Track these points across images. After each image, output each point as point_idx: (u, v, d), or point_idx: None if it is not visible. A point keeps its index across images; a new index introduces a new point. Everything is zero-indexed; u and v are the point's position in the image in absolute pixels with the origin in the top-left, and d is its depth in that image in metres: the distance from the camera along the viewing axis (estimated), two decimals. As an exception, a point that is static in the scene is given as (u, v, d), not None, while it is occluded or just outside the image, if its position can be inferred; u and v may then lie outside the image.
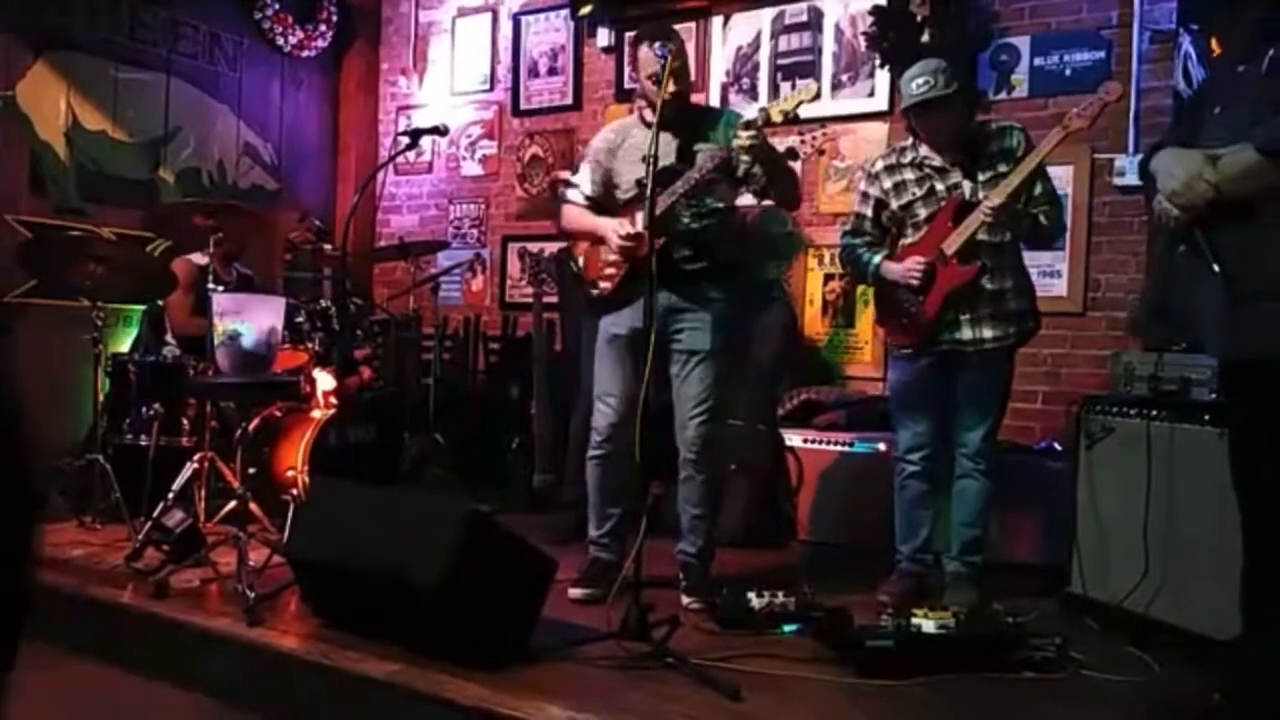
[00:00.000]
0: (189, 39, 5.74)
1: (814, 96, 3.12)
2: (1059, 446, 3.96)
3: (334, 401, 4.26)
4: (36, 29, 5.07)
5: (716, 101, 5.23)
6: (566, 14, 5.66)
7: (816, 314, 4.97)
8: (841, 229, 3.62)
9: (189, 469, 3.63)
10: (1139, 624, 2.97)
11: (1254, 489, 2.27)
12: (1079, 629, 3.01)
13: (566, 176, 3.72)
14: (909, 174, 3.35)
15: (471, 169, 6.20)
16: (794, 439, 4.37)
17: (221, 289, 3.92)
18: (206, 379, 3.77)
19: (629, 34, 5.20)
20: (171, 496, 3.53)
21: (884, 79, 4.76)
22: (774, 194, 3.28)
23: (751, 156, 3.09)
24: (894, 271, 3.32)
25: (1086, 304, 4.30)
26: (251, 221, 4.34)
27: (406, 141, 4.24)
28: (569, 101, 5.76)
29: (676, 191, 3.08)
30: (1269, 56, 2.15)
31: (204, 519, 3.58)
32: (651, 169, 2.92)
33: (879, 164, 3.45)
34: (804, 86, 3.12)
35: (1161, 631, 2.91)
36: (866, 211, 3.46)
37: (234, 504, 3.56)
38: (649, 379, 2.88)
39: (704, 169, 3.09)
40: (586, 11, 5.47)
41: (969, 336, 3.23)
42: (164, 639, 2.98)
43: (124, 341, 5.01)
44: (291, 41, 6.16)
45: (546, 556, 2.75)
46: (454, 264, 5.72)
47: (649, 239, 2.92)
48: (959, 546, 3.36)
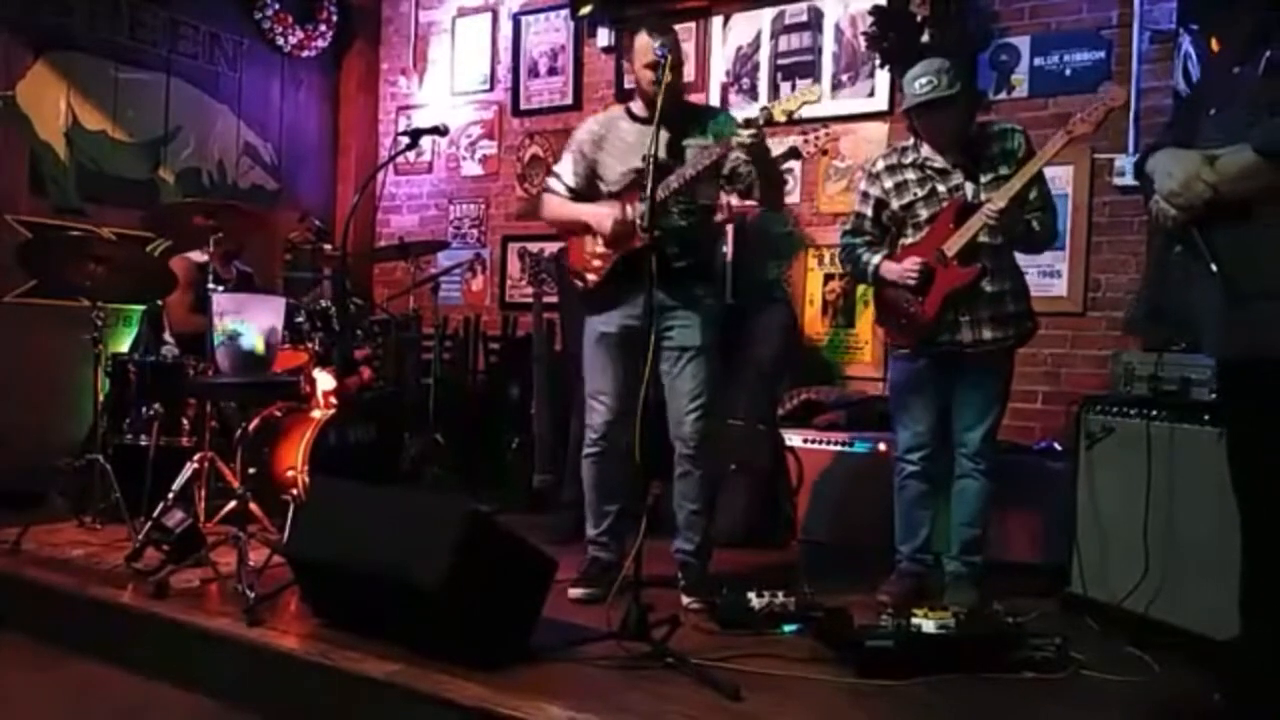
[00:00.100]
0: (189, 39, 5.74)
1: (817, 99, 3.13)
2: (1059, 446, 3.96)
3: (334, 401, 4.26)
4: (36, 29, 5.07)
5: (716, 101, 5.23)
6: (566, 14, 5.66)
7: (816, 314, 4.97)
8: (841, 228, 3.62)
9: (189, 469, 3.63)
10: (1139, 624, 2.97)
11: (1252, 489, 2.27)
12: (1079, 629, 3.01)
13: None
14: (910, 174, 3.35)
15: (471, 169, 6.20)
16: (794, 439, 4.37)
17: (221, 288, 3.92)
18: (206, 379, 3.77)
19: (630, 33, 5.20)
20: (171, 496, 3.53)
21: (884, 79, 4.75)
22: (760, 195, 3.28)
23: (750, 155, 3.09)
24: (893, 272, 3.32)
25: (1086, 304, 4.30)
26: (251, 221, 4.33)
27: (406, 141, 4.25)
28: (569, 101, 5.75)
29: (670, 186, 3.08)
30: (1266, 58, 2.15)
31: (204, 519, 3.58)
32: (652, 167, 2.94)
33: (880, 164, 3.45)
34: (807, 88, 3.13)
35: (1161, 631, 2.92)
36: (867, 211, 3.46)
37: (234, 504, 3.57)
38: (648, 379, 2.89)
39: (699, 164, 3.09)
40: (586, 11, 5.47)
41: (969, 338, 3.23)
42: (164, 639, 2.98)
43: (124, 341, 5.01)
44: (291, 41, 6.15)
45: (546, 556, 2.75)
46: (454, 264, 5.72)
47: (650, 236, 2.92)
48: (959, 546, 3.36)
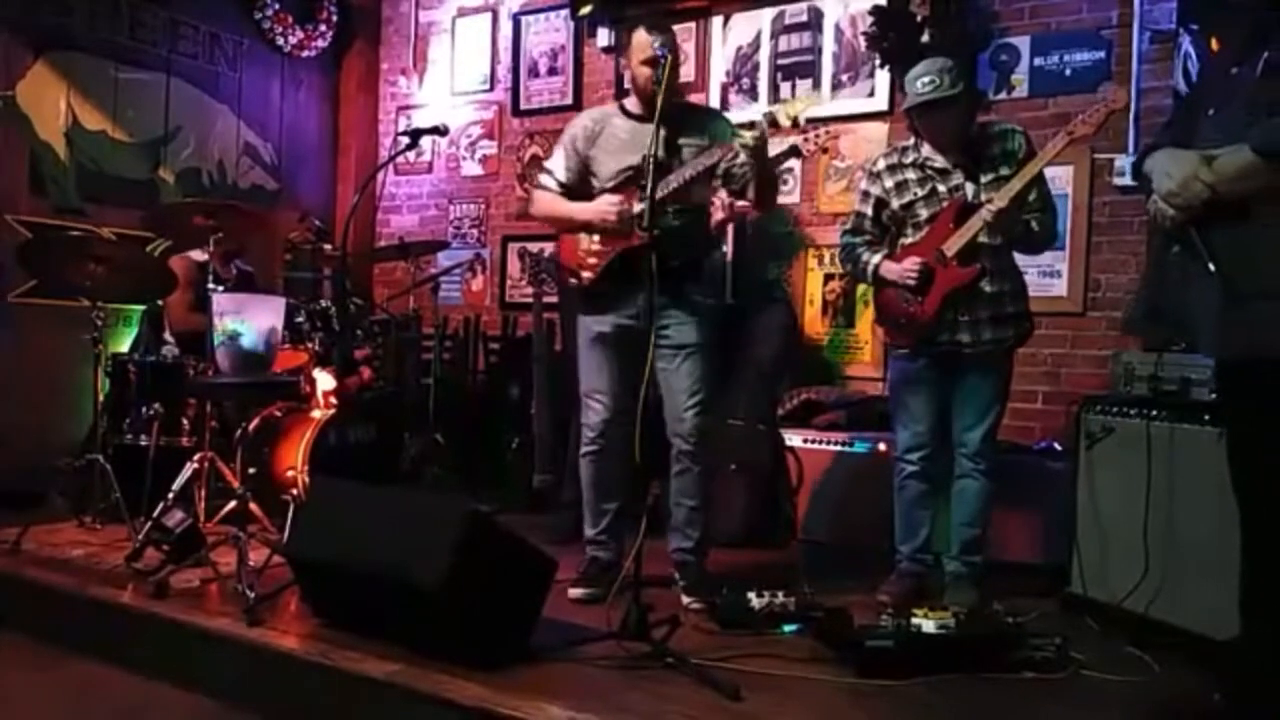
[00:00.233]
0: (189, 39, 5.74)
1: (819, 105, 3.15)
2: (1059, 446, 3.96)
3: (334, 401, 4.27)
4: (36, 29, 5.07)
5: (716, 101, 5.23)
6: (566, 14, 5.66)
7: (816, 314, 4.97)
8: (841, 228, 3.62)
9: (189, 469, 3.63)
10: (1139, 624, 2.97)
11: (1252, 489, 2.27)
12: (1079, 629, 3.01)
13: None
14: (911, 174, 3.35)
15: (471, 169, 6.20)
16: (794, 439, 4.37)
17: (221, 287, 3.92)
18: (206, 379, 3.77)
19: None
20: (171, 496, 3.53)
21: (884, 79, 4.75)
22: (755, 196, 3.29)
23: (751, 157, 3.12)
24: (893, 271, 3.32)
25: (1086, 304, 4.30)
26: (251, 221, 4.33)
27: (406, 141, 4.24)
28: (569, 101, 5.75)
29: (669, 185, 3.08)
30: (1264, 58, 2.15)
31: (204, 519, 3.57)
32: (652, 166, 2.95)
33: (880, 163, 3.45)
34: (810, 93, 3.15)
35: (1161, 631, 2.91)
36: (867, 210, 3.46)
37: (234, 504, 3.57)
38: (649, 378, 2.91)
39: (700, 166, 3.11)
40: (586, 11, 5.47)
41: (968, 339, 3.23)
42: (164, 639, 2.98)
43: (124, 341, 5.01)
44: (291, 41, 6.15)
45: (546, 556, 2.75)
46: (454, 264, 5.72)
47: (649, 234, 2.93)
48: (959, 546, 3.36)
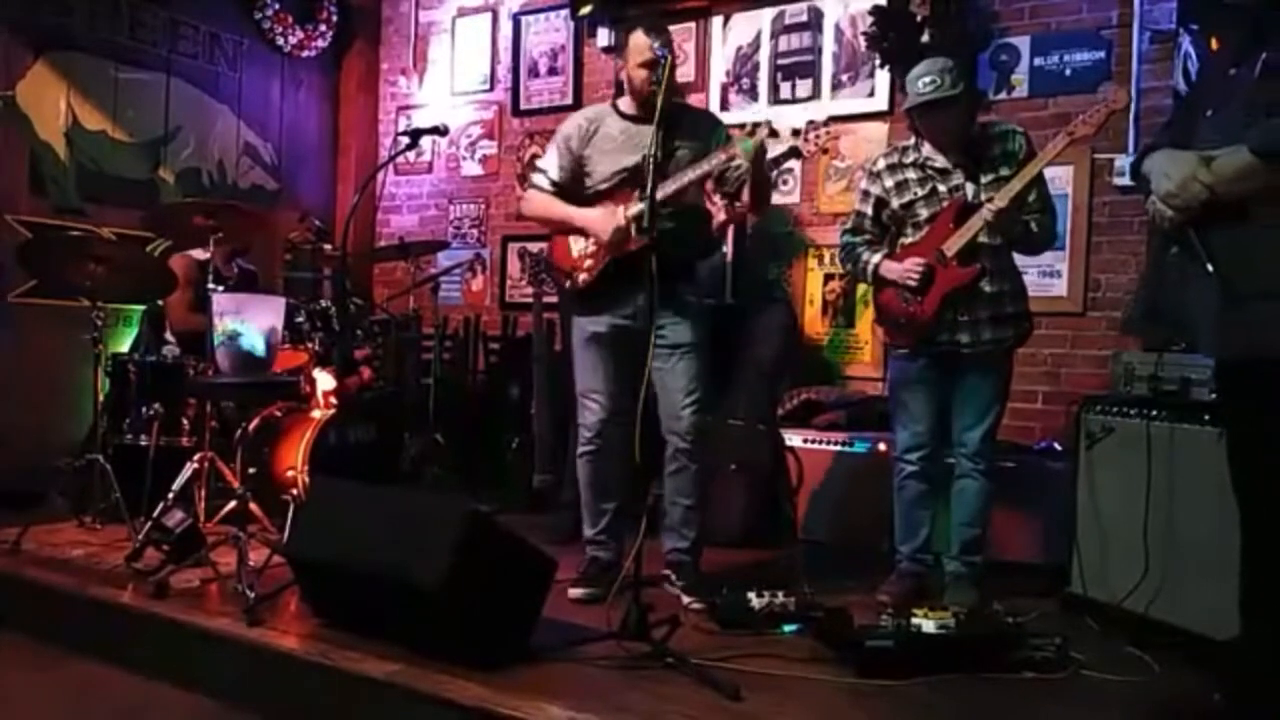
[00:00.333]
0: (189, 39, 5.73)
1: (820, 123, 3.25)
2: (1059, 446, 3.96)
3: (334, 401, 4.26)
4: (36, 29, 5.07)
5: (716, 101, 5.24)
6: (566, 14, 5.66)
7: (816, 314, 4.97)
8: (842, 227, 3.62)
9: (189, 469, 3.63)
10: (1139, 624, 2.97)
11: (1252, 489, 2.27)
12: (1079, 629, 3.01)
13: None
14: (911, 174, 3.35)
15: (471, 169, 6.20)
16: (794, 439, 4.37)
17: (222, 287, 3.92)
18: (206, 379, 3.77)
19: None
20: (171, 496, 3.53)
21: (884, 79, 4.75)
22: (749, 199, 3.32)
23: (751, 166, 3.16)
24: (893, 271, 3.32)
25: (1086, 304, 4.30)
26: (251, 221, 4.33)
27: (406, 141, 4.24)
28: (569, 101, 5.74)
29: (668, 189, 3.09)
30: (1262, 59, 2.15)
31: (204, 519, 3.57)
32: (652, 167, 2.96)
33: (881, 162, 3.45)
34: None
35: (1161, 631, 2.92)
36: (867, 210, 3.46)
37: (234, 504, 3.57)
38: (649, 378, 2.92)
39: (700, 170, 3.14)
40: (586, 11, 5.46)
41: (967, 339, 3.23)
42: (164, 639, 2.98)
43: (124, 341, 5.01)
44: (291, 41, 6.15)
45: (546, 556, 2.75)
46: (454, 264, 5.72)
47: (650, 236, 2.93)
48: (959, 546, 3.36)
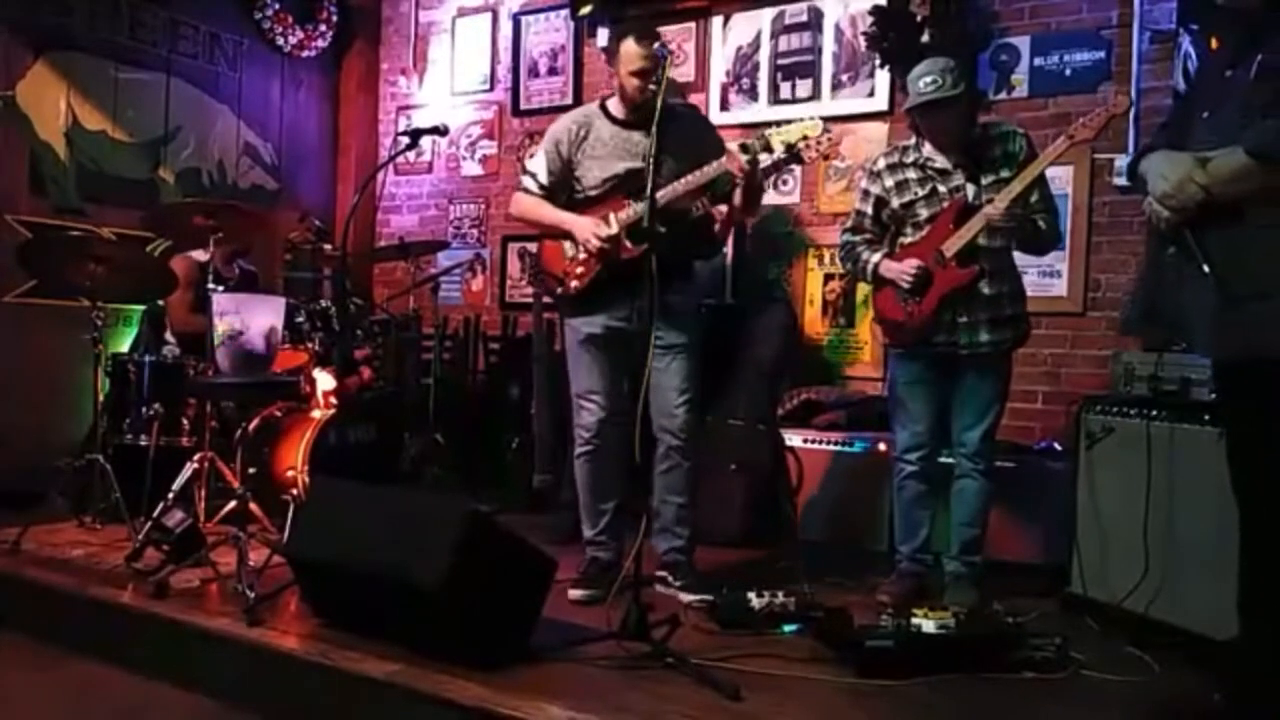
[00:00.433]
0: (189, 39, 5.73)
1: (817, 134, 3.21)
2: (1059, 446, 3.96)
3: (334, 401, 4.26)
4: (36, 29, 5.07)
5: (716, 101, 5.24)
6: (566, 14, 5.65)
7: (816, 314, 4.97)
8: (842, 227, 3.63)
9: (189, 469, 3.63)
10: (1139, 624, 2.97)
11: (1252, 489, 2.28)
12: (1079, 629, 3.01)
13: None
14: (911, 173, 3.35)
15: (471, 169, 6.20)
16: (794, 439, 4.37)
17: (222, 287, 3.92)
18: (206, 379, 3.77)
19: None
20: (171, 496, 3.53)
21: (884, 79, 4.75)
22: (741, 202, 3.32)
23: (745, 178, 3.19)
24: (892, 270, 3.32)
25: (1086, 304, 4.30)
26: (251, 221, 4.33)
27: (406, 141, 4.25)
28: (569, 101, 5.73)
29: (663, 199, 3.10)
30: (1258, 60, 2.16)
31: (204, 519, 3.58)
32: (651, 168, 2.96)
33: (881, 162, 3.45)
34: (810, 122, 3.22)
35: (1161, 631, 2.92)
36: (867, 209, 3.46)
37: (234, 504, 3.57)
38: (648, 379, 2.93)
39: (698, 179, 3.16)
40: (586, 11, 5.46)
41: (966, 340, 3.24)
42: (164, 639, 2.98)
43: (124, 341, 5.01)
44: (291, 41, 6.15)
45: (546, 556, 2.75)
46: (454, 264, 5.72)
47: (649, 238, 2.94)
48: (959, 546, 3.36)
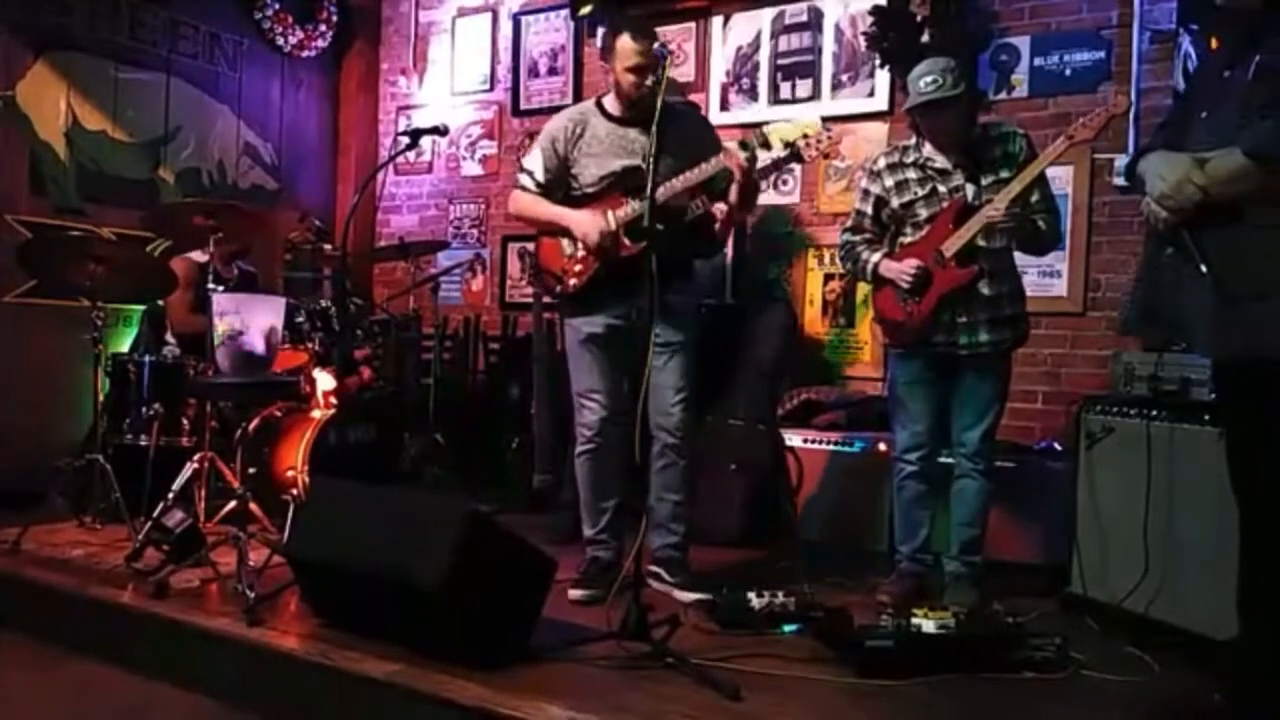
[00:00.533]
0: (189, 39, 5.74)
1: (816, 133, 3.20)
2: (1059, 446, 3.96)
3: (334, 401, 4.26)
4: (36, 29, 5.07)
5: (716, 101, 5.24)
6: (566, 14, 5.65)
7: (816, 314, 4.97)
8: (842, 226, 3.63)
9: (189, 469, 3.63)
10: (1139, 624, 2.98)
11: (1252, 489, 2.28)
12: (1079, 629, 3.01)
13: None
14: (911, 173, 3.35)
15: (471, 169, 6.20)
16: (794, 439, 4.37)
17: (222, 288, 3.92)
18: (206, 379, 3.77)
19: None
20: (171, 496, 3.53)
21: (884, 79, 4.75)
22: (737, 200, 3.32)
23: (742, 175, 3.19)
24: (892, 270, 3.32)
25: (1086, 304, 4.30)
26: (251, 221, 4.33)
27: (406, 141, 4.25)
28: (569, 102, 5.72)
29: (661, 197, 3.09)
30: (1255, 61, 2.16)
31: (204, 519, 3.57)
32: (651, 168, 2.96)
33: (881, 161, 3.45)
34: (809, 122, 3.22)
35: (1161, 631, 2.92)
36: (867, 209, 3.46)
37: (234, 504, 3.57)
38: (648, 378, 2.92)
39: (697, 177, 3.16)
40: (586, 11, 5.46)
41: (965, 340, 3.24)
42: (164, 639, 2.98)
43: (124, 341, 5.01)
44: (291, 41, 6.15)
45: (546, 556, 2.75)
46: (454, 264, 5.72)
47: (649, 237, 2.94)
48: (958, 546, 3.36)
